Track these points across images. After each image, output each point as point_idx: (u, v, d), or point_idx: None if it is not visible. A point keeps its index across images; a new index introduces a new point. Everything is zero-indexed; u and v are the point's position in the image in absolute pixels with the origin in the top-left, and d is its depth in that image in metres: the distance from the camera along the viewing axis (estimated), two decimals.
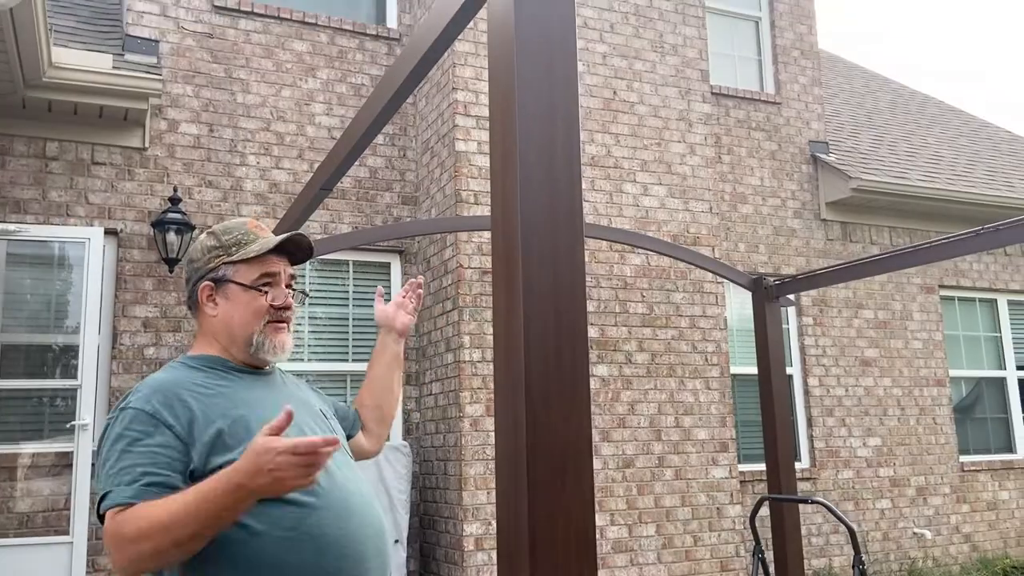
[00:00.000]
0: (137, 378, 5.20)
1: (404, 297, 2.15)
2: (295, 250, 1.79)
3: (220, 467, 1.47)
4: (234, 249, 1.73)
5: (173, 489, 1.46)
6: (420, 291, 2.19)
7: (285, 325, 1.75)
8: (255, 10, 5.88)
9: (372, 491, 1.73)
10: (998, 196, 7.94)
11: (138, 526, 1.42)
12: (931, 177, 8.00)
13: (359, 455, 2.02)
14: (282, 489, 1.40)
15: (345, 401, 2.12)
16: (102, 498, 1.49)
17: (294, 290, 1.79)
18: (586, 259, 5.82)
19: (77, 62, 4.92)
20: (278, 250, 1.75)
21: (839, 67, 11.54)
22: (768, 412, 5.29)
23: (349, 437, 1.97)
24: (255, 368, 1.75)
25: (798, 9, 7.91)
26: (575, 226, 1.43)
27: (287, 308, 1.75)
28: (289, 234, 1.76)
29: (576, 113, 1.46)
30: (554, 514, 1.26)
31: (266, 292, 1.72)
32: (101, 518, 1.48)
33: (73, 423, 4.84)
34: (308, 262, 5.72)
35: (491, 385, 5.38)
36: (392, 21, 6.44)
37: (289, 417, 1.39)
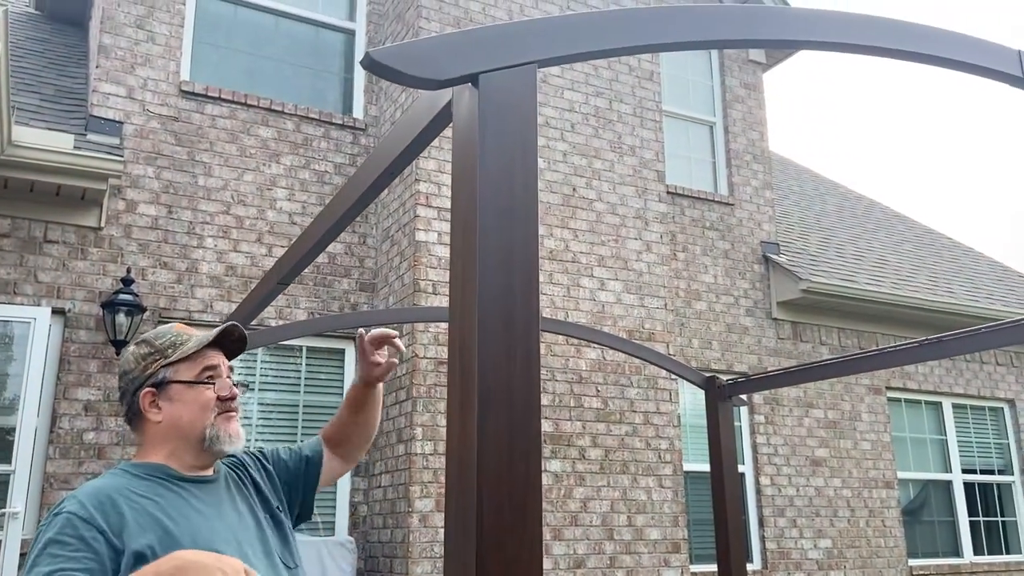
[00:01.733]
0: (74, 464, 5.01)
1: (379, 349, 2.10)
2: (230, 343, 1.81)
3: None
4: (170, 351, 1.73)
5: None
6: (393, 341, 2.10)
7: (235, 414, 1.76)
8: (223, 96, 5.95)
9: None
10: (941, 302, 8.21)
11: None
12: (877, 281, 8.26)
13: (332, 479, 2.07)
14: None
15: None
16: None
17: (236, 383, 1.80)
18: (543, 352, 5.84)
19: (37, 141, 4.90)
20: (214, 344, 1.77)
21: (790, 170, 11.99)
22: (720, 515, 5.26)
23: (307, 483, 1.98)
24: (200, 476, 1.71)
25: (751, 116, 8.26)
26: (532, 328, 1.44)
27: (233, 398, 1.76)
28: (225, 325, 1.78)
29: (535, 228, 1.49)
30: None
31: (212, 384, 1.72)
32: None
33: (3, 511, 4.61)
34: (261, 348, 5.65)
35: (443, 479, 5.29)
36: (359, 111, 6.56)
37: None
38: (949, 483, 8.40)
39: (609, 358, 6.07)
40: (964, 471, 8.50)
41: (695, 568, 6.40)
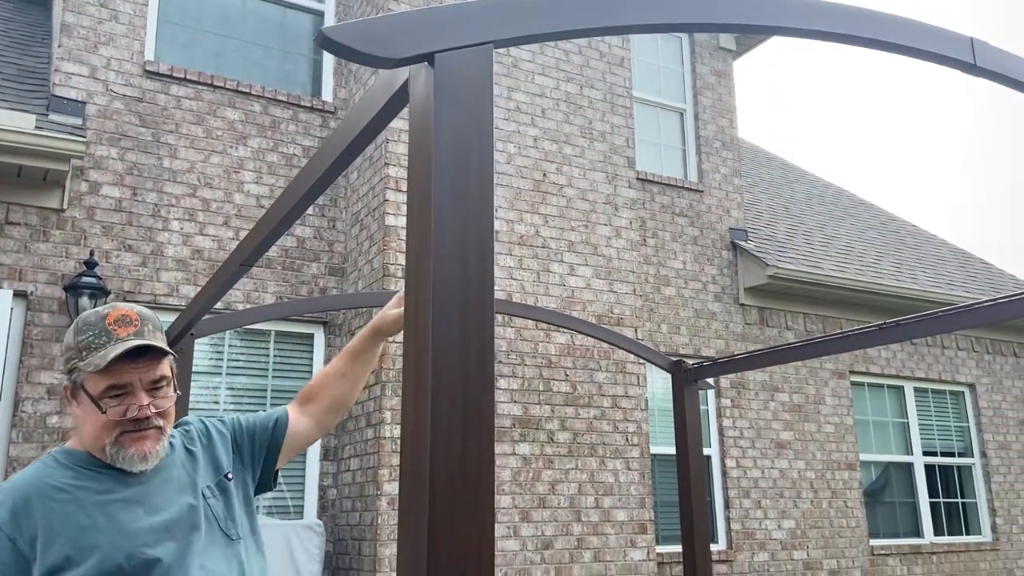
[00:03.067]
0: (38, 448, 4.96)
1: None
2: (151, 349, 1.61)
3: None
4: (84, 354, 1.59)
5: None
6: None
7: (149, 432, 1.60)
8: (188, 76, 5.88)
9: None
10: (903, 287, 8.35)
11: None
12: (842, 267, 8.38)
13: (299, 445, 1.96)
14: None
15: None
16: None
17: (156, 400, 1.62)
18: (512, 337, 5.86)
19: None
20: (133, 356, 1.58)
21: (759, 157, 12.10)
22: (685, 496, 5.33)
23: (270, 451, 1.89)
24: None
25: (720, 104, 8.31)
26: (486, 313, 1.45)
27: (143, 419, 1.59)
28: (123, 349, 1.57)
29: (490, 213, 1.50)
30: None
31: (105, 410, 1.58)
32: None
33: None
34: (231, 330, 5.61)
35: None
36: (328, 94, 6.51)
37: None
38: (910, 465, 8.58)
39: (578, 343, 6.11)
40: (925, 453, 8.69)
41: (661, 548, 6.50)
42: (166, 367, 1.65)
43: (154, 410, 1.60)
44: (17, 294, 5.07)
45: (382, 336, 1.97)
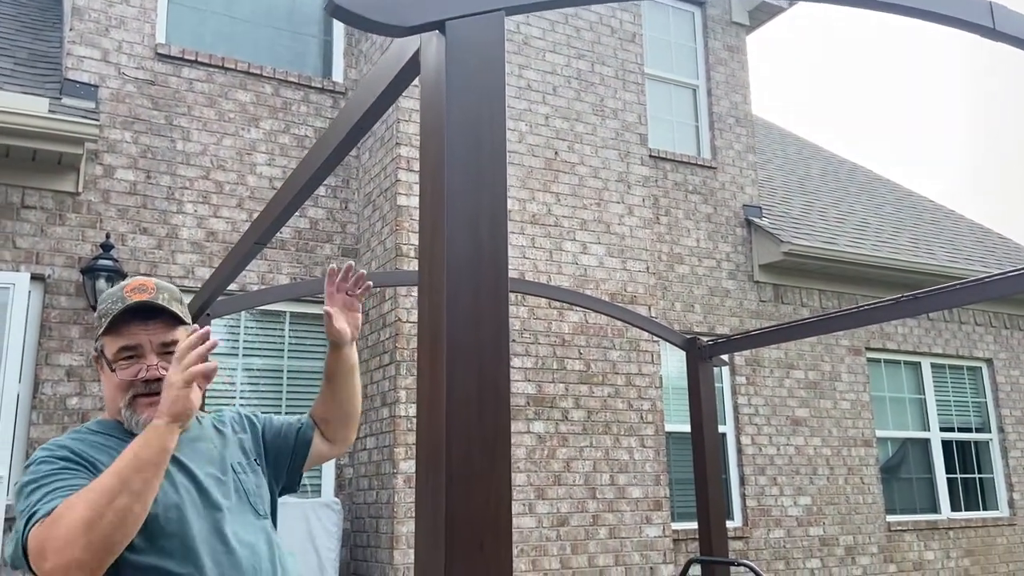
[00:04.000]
0: (58, 429, 5.02)
1: (351, 295, 1.96)
2: (163, 312, 1.66)
3: None
4: (103, 320, 1.66)
5: None
6: (361, 278, 1.95)
7: (159, 397, 1.60)
8: (199, 59, 5.88)
9: (270, 553, 1.70)
10: (920, 263, 8.29)
11: (69, 505, 1.41)
12: (858, 243, 8.32)
13: (320, 459, 1.99)
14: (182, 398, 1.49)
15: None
16: (25, 528, 1.45)
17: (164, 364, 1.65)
18: (525, 316, 5.86)
19: (11, 104, 4.83)
20: (144, 317, 1.64)
21: (774, 134, 11.99)
22: (700, 471, 5.34)
23: (296, 452, 1.93)
24: None
25: (733, 79, 8.23)
26: (500, 290, 1.45)
27: (154, 380, 1.62)
28: (127, 304, 1.63)
29: (503, 181, 1.49)
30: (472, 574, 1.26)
31: (115, 370, 1.64)
32: (25, 554, 1.43)
33: None
34: (245, 311, 5.64)
35: None
36: (338, 75, 6.49)
37: None
38: (927, 441, 8.55)
39: (592, 321, 6.11)
40: (942, 429, 8.65)
41: (676, 525, 6.51)
42: (180, 334, 1.67)
43: (163, 372, 1.61)
44: (35, 277, 5.12)
45: (343, 348, 1.94)
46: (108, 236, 5.32)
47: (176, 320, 1.68)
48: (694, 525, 5.83)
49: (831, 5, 1.58)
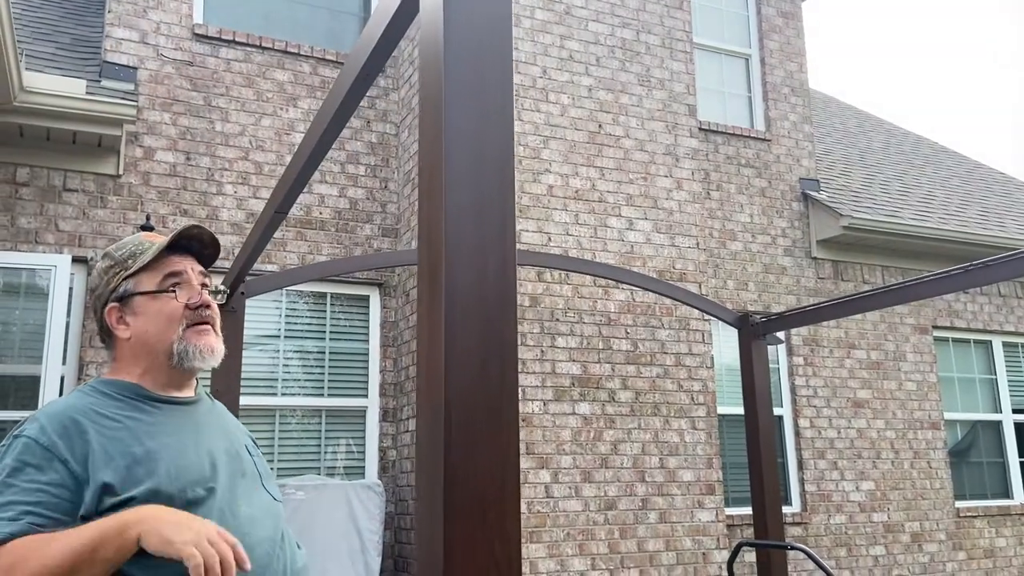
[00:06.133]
0: None
1: None
2: (199, 247, 1.67)
3: (114, 508, 1.36)
4: (130, 261, 1.61)
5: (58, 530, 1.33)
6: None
7: (209, 326, 1.60)
8: (237, 39, 5.83)
9: (282, 537, 1.58)
10: (991, 235, 7.85)
11: (12, 560, 1.29)
12: (923, 216, 7.91)
13: None
14: (177, 538, 1.28)
15: None
16: None
17: (211, 290, 1.65)
18: (569, 295, 5.69)
19: (49, 86, 4.84)
20: (182, 250, 1.63)
21: (832, 107, 11.53)
22: (754, 454, 5.12)
23: None
24: (176, 397, 1.60)
25: (788, 47, 7.89)
26: (505, 245, 1.29)
27: (206, 306, 1.60)
28: (184, 227, 1.64)
29: (510, 128, 1.33)
30: (473, 546, 1.11)
31: (174, 292, 1.59)
32: None
33: None
34: (289, 288, 5.59)
35: None
36: None
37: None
38: (999, 423, 8.11)
39: (639, 299, 5.90)
40: (1015, 411, 8.20)
41: (730, 511, 6.29)
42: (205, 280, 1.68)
43: (210, 300, 1.62)
44: (76, 260, 5.13)
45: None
46: (148, 218, 5.26)
47: (208, 262, 1.70)
48: (750, 510, 5.60)
49: None
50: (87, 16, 6.53)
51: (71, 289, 5.00)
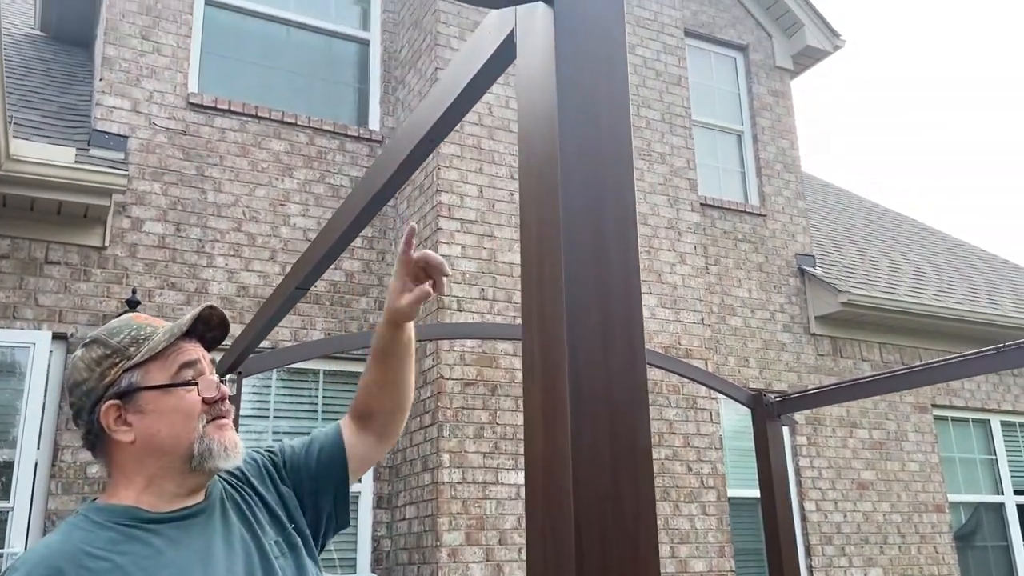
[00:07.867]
0: (77, 500, 4.66)
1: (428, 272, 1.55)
2: (204, 329, 1.45)
3: None
4: (133, 349, 1.36)
5: None
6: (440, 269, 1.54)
7: (227, 420, 1.40)
8: (232, 108, 5.68)
9: None
10: (985, 313, 7.81)
11: None
12: (918, 293, 7.88)
13: (364, 462, 1.62)
14: None
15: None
16: None
17: (221, 380, 1.43)
18: None
19: (37, 155, 4.62)
20: (188, 334, 1.42)
21: (812, 184, 11.65)
22: (773, 543, 4.84)
23: (332, 470, 1.55)
24: (181, 510, 1.36)
25: (779, 124, 7.94)
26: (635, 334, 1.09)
27: (223, 399, 1.40)
28: (200, 308, 1.43)
29: (632, 202, 1.14)
30: None
31: (195, 385, 1.37)
32: None
33: (1, 551, 4.26)
34: (276, 369, 5.31)
35: (472, 510, 4.91)
36: (375, 123, 6.27)
37: None
38: (1001, 505, 7.94)
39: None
40: (1016, 492, 8.04)
41: None
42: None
43: (228, 392, 1.42)
44: (57, 336, 4.83)
45: (402, 325, 1.58)
46: (134, 292, 5.03)
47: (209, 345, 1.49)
48: None
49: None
50: (73, 84, 6.35)
51: (49, 367, 4.69)
